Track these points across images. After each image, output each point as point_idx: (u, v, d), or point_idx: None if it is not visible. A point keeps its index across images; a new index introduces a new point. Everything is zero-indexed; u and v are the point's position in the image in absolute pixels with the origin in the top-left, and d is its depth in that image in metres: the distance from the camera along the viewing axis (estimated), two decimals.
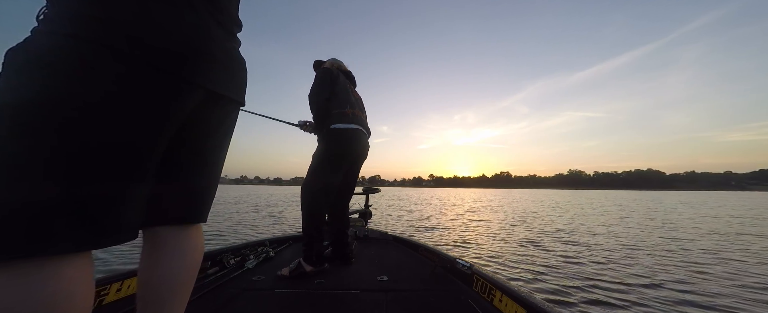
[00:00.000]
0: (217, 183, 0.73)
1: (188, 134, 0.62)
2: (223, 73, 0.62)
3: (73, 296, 0.42)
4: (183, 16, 0.53)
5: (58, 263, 0.41)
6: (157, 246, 0.64)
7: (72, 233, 0.42)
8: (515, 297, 1.13)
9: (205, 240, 0.76)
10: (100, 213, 0.45)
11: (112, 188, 0.46)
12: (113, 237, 0.48)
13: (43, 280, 0.40)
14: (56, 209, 0.41)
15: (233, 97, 0.67)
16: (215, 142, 0.68)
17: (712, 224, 7.42)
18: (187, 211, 0.66)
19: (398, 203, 15.23)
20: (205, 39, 0.56)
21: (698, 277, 2.90)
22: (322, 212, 1.73)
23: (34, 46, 0.43)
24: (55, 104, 0.41)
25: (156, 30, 0.49)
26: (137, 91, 0.48)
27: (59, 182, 0.41)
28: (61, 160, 0.41)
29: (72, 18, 0.44)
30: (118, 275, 1.27)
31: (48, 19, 0.45)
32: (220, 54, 0.60)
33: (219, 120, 0.67)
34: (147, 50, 0.48)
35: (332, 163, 1.71)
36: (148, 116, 0.50)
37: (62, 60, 0.43)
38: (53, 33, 0.44)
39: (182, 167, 0.63)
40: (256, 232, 5.46)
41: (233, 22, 0.66)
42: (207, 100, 0.61)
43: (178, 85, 0.53)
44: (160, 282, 0.63)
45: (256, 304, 1.25)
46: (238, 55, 0.68)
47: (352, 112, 1.76)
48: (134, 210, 0.51)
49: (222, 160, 0.72)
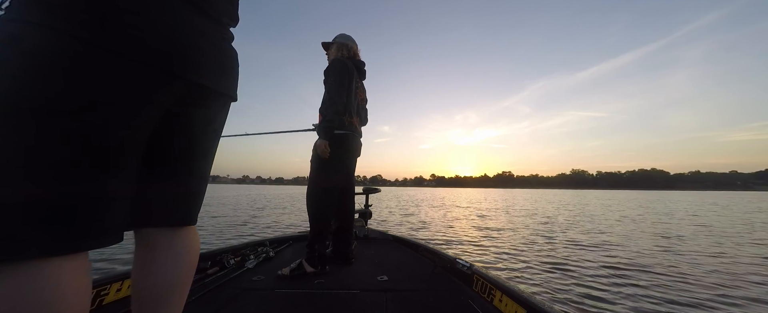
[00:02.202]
0: (207, 183, 0.70)
1: (176, 132, 0.59)
2: (211, 67, 0.58)
3: (65, 296, 0.41)
4: (166, 7, 0.50)
5: (48, 265, 0.40)
6: (149, 248, 0.62)
7: (49, 236, 0.40)
8: (515, 297, 1.12)
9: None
10: (79, 214, 0.43)
11: (90, 188, 0.44)
12: (95, 239, 0.45)
13: (33, 281, 0.39)
14: (33, 211, 0.39)
15: (222, 91, 0.63)
16: (206, 138, 0.65)
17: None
18: (175, 212, 0.63)
19: (397, 205, 13.89)
20: (190, 31, 0.53)
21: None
22: (330, 211, 1.75)
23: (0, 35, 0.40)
24: (21, 98, 0.39)
25: (133, 20, 0.46)
26: (111, 84, 0.44)
27: (33, 182, 0.39)
28: (34, 159, 0.39)
29: (41, 5, 0.41)
30: (118, 275, 1.28)
31: (14, 6, 0.42)
32: (207, 46, 0.56)
33: (209, 116, 0.63)
34: (123, 41, 0.45)
35: (334, 162, 1.73)
36: (123, 110, 0.46)
37: (30, 51, 0.40)
38: (18, 21, 0.40)
39: (169, 166, 0.60)
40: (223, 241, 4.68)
41: (223, 14, 0.62)
42: (194, 94, 0.57)
43: (157, 76, 0.49)
44: (153, 285, 0.61)
45: (256, 304, 1.25)
46: (229, 48, 0.65)
47: (350, 121, 1.77)
48: (117, 211, 0.48)
49: (211, 159, 0.69)
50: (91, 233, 0.45)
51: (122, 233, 0.52)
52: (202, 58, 0.56)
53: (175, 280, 0.63)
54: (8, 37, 0.40)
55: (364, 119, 2.03)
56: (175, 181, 0.62)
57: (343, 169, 1.82)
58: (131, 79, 0.46)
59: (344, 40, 1.88)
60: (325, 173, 1.72)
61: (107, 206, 0.46)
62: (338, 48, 1.85)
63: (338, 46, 1.86)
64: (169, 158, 0.60)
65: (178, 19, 0.52)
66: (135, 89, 0.47)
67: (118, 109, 0.46)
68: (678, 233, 5.77)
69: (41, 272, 0.40)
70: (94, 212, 0.45)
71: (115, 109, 0.45)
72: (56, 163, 0.41)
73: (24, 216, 0.39)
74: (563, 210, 11.53)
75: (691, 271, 3.10)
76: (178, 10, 0.52)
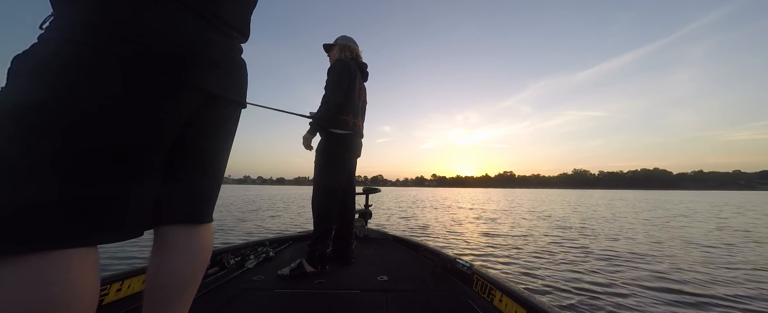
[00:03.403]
0: (220, 183, 0.74)
1: (190, 135, 0.63)
2: (223, 76, 0.64)
3: (78, 289, 0.44)
4: (183, 23, 0.56)
5: (64, 259, 0.43)
6: (166, 245, 0.66)
7: (77, 230, 0.44)
8: (515, 297, 1.12)
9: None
10: (105, 211, 0.47)
11: (117, 188, 0.48)
12: (118, 234, 0.50)
13: (49, 274, 0.41)
14: (62, 207, 0.43)
15: (233, 98, 0.69)
16: (217, 142, 0.70)
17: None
18: (190, 210, 0.68)
19: (396, 206, 13.16)
20: (204, 44, 0.59)
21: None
22: (334, 212, 1.76)
23: (41, 52, 0.46)
24: (61, 107, 0.44)
25: (158, 36, 0.52)
26: (140, 95, 0.50)
27: (65, 181, 0.43)
28: (67, 160, 0.43)
29: (78, 25, 0.47)
30: (118, 275, 1.28)
31: (54, 26, 0.48)
32: (219, 58, 0.62)
33: (220, 121, 0.69)
34: (149, 55, 0.50)
35: (337, 162, 1.75)
36: (150, 118, 0.52)
37: (68, 65, 0.45)
38: (59, 39, 0.46)
39: (185, 168, 0.65)
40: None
41: (233, 27, 0.68)
42: (208, 102, 0.63)
43: (179, 87, 0.55)
44: (167, 280, 0.65)
45: (256, 304, 1.25)
46: (239, 58, 0.71)
47: (353, 121, 1.78)
48: (139, 209, 0.53)
49: (224, 160, 0.74)
50: (113, 228, 0.49)
51: (143, 229, 0.57)
52: (217, 70, 0.62)
53: (189, 276, 0.67)
54: (50, 53, 0.45)
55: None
56: (191, 180, 0.67)
57: (347, 169, 1.83)
58: (159, 90, 0.52)
59: (346, 42, 1.89)
60: (329, 174, 1.73)
61: (131, 204, 0.51)
62: (341, 49, 1.87)
63: (341, 48, 1.87)
64: (186, 159, 0.65)
65: (197, 34, 0.58)
66: (162, 100, 0.53)
67: (144, 118, 0.51)
68: (719, 238, 4.99)
69: (58, 265, 0.42)
70: (120, 209, 0.49)
71: (142, 118, 0.51)
72: (88, 164, 0.45)
73: (58, 212, 0.42)
74: (575, 211, 10.81)
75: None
76: (197, 26, 0.58)
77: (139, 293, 1.31)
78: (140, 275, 1.35)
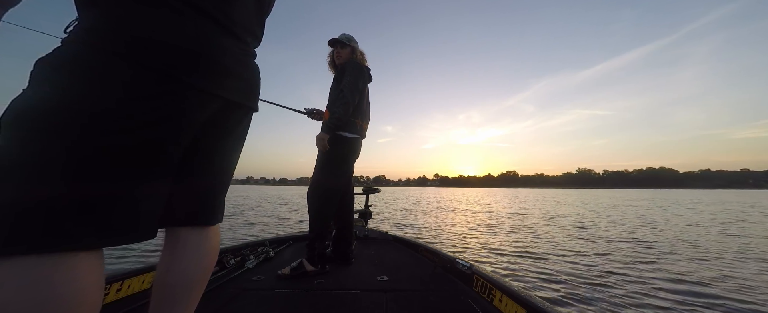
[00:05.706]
0: (228, 185, 0.76)
1: (203, 138, 0.64)
2: (238, 83, 0.65)
3: (84, 290, 0.44)
4: (201, 30, 0.56)
5: (71, 259, 0.43)
6: (176, 246, 0.67)
7: (90, 231, 0.44)
8: (515, 297, 1.11)
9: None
10: (119, 212, 0.47)
11: (131, 190, 0.49)
12: (131, 235, 0.50)
13: (56, 274, 0.41)
14: (75, 207, 0.43)
15: (247, 104, 0.70)
16: (229, 146, 0.71)
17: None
18: (201, 212, 0.69)
19: (394, 206, 12.43)
20: (220, 50, 0.60)
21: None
22: (331, 211, 1.75)
23: (64, 55, 0.47)
24: (81, 109, 0.44)
25: (175, 43, 0.53)
26: (158, 99, 0.51)
27: (79, 181, 0.43)
28: (81, 162, 0.44)
29: (102, 31, 0.48)
30: (118, 275, 1.29)
31: (78, 31, 0.49)
32: (234, 65, 0.63)
33: (233, 126, 0.70)
34: (168, 63, 0.51)
35: (340, 164, 1.75)
36: (167, 123, 0.52)
37: (92, 69, 0.46)
38: (82, 44, 0.47)
39: (196, 170, 0.66)
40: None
41: (249, 34, 0.69)
42: (223, 107, 0.64)
43: (198, 95, 0.56)
44: (177, 280, 0.66)
45: (256, 304, 1.25)
46: (253, 64, 0.72)
47: (361, 124, 1.81)
48: (152, 210, 0.54)
49: (234, 163, 0.75)
50: (127, 229, 0.49)
51: (156, 230, 0.57)
52: (231, 76, 0.63)
53: (200, 276, 0.69)
54: (72, 57, 0.47)
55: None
56: (203, 183, 0.68)
57: (349, 172, 1.84)
58: (178, 96, 0.53)
59: (356, 45, 1.92)
60: (330, 174, 1.73)
61: (144, 205, 0.51)
62: (353, 51, 1.89)
63: (353, 50, 1.89)
64: (198, 162, 0.66)
65: (213, 41, 0.58)
66: (180, 105, 0.54)
67: (161, 122, 0.52)
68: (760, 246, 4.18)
69: (65, 266, 0.42)
70: (134, 211, 0.50)
71: (159, 122, 0.51)
72: (101, 167, 0.45)
73: (71, 212, 0.43)
74: (590, 212, 9.71)
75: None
76: (213, 32, 0.59)
77: (139, 293, 1.32)
78: (140, 275, 1.35)
